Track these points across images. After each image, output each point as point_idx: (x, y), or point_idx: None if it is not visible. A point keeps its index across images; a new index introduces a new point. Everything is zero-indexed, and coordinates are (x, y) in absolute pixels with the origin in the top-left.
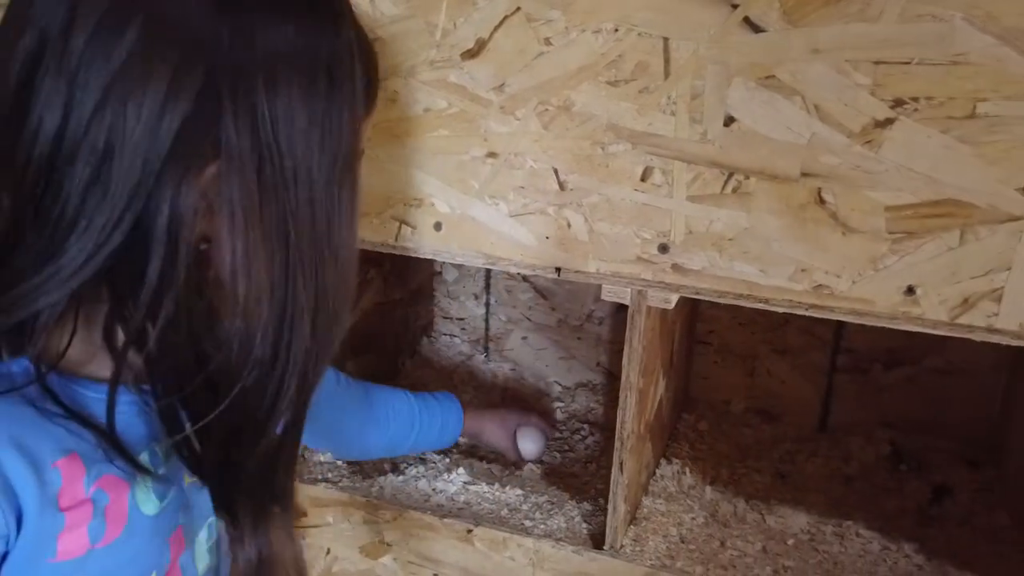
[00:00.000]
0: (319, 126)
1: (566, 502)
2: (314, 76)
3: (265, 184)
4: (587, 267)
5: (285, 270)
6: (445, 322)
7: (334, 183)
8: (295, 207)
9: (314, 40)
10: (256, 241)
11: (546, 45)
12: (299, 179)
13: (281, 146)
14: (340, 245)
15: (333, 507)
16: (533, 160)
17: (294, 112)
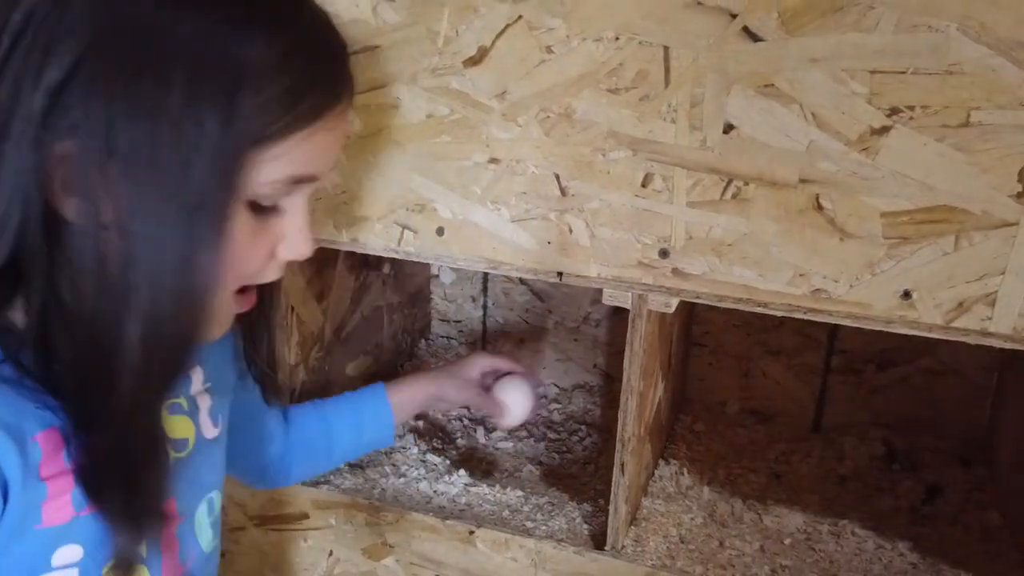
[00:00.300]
0: (172, 127)
1: (566, 503)
2: (175, 71)
3: (108, 177)
4: (589, 271)
5: (122, 271)
6: (442, 324)
7: (185, 196)
8: (138, 211)
9: (199, 33)
10: (96, 229)
11: (547, 53)
12: (143, 182)
13: (123, 139)
14: (193, 264)
15: (335, 509)
16: (535, 166)
17: (145, 105)
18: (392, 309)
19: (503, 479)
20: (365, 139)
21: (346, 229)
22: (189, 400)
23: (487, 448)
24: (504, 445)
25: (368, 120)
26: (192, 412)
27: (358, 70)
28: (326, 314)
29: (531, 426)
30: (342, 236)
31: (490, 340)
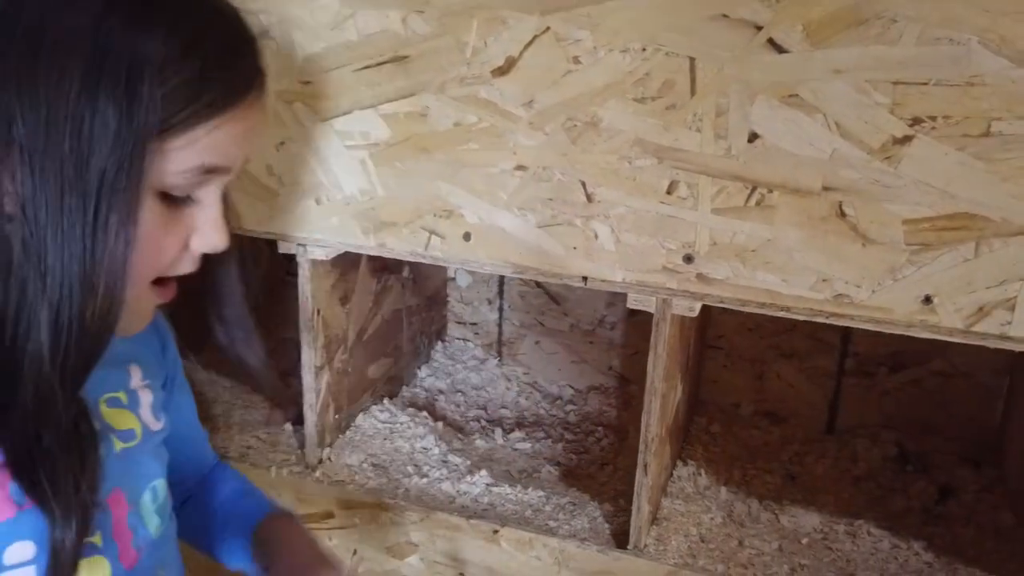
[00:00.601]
0: (71, 121)
1: (587, 503)
2: (74, 64)
3: (11, 169)
4: (613, 276)
5: (25, 260)
6: (458, 327)
7: (86, 188)
8: (40, 205)
9: (91, 28)
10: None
11: (574, 63)
12: (45, 175)
13: (24, 133)
14: (97, 253)
15: (360, 508)
16: (561, 173)
17: (43, 99)
18: (411, 312)
19: (522, 479)
20: (393, 147)
21: (373, 234)
22: (129, 394)
23: (505, 448)
24: (522, 446)
25: (396, 128)
26: (132, 405)
27: (387, 80)
28: (349, 317)
29: (548, 427)
30: (369, 241)
31: (505, 342)
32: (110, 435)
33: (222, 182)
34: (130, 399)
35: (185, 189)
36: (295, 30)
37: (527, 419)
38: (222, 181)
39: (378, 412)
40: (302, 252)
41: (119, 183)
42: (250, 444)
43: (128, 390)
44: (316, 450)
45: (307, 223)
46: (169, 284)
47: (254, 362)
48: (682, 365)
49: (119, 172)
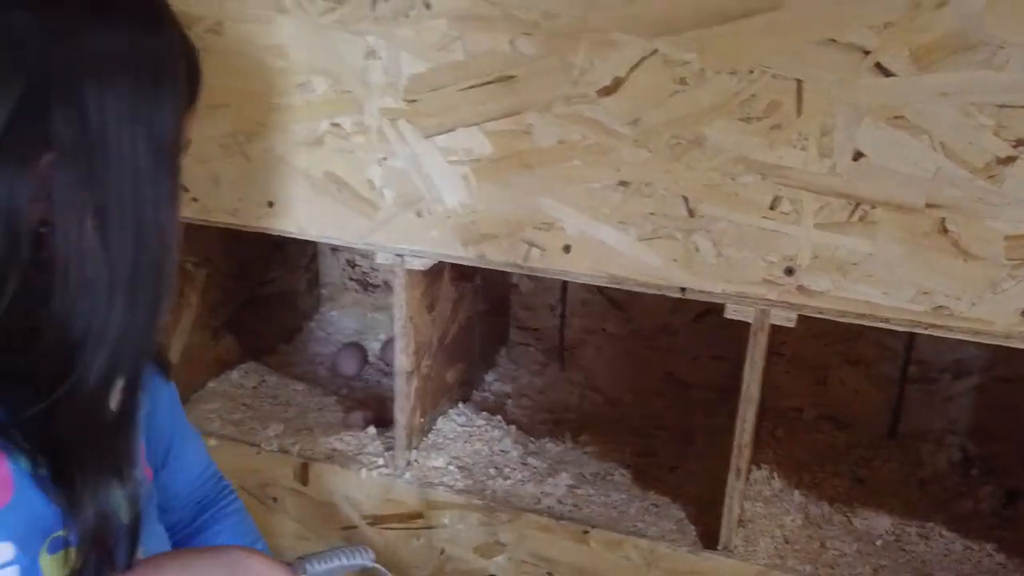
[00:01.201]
0: (143, 121)
1: (669, 505)
2: (139, 75)
3: (95, 173)
4: (713, 288)
5: (110, 247)
6: (520, 332)
7: (157, 172)
8: (122, 194)
9: (137, 43)
10: (87, 222)
11: (681, 84)
12: (125, 168)
13: (108, 139)
14: (163, 226)
15: (450, 510)
16: (664, 189)
17: (120, 108)
18: (480, 318)
19: (597, 482)
20: (496, 162)
21: (473, 245)
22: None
23: (575, 451)
24: (591, 449)
25: (499, 145)
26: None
27: (492, 99)
28: (434, 324)
29: (613, 431)
30: (468, 252)
31: (567, 347)
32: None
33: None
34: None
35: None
36: (402, 51)
37: (591, 422)
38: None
39: (456, 416)
40: (399, 263)
41: (177, 160)
42: (335, 447)
43: None
44: (405, 453)
45: (406, 235)
46: None
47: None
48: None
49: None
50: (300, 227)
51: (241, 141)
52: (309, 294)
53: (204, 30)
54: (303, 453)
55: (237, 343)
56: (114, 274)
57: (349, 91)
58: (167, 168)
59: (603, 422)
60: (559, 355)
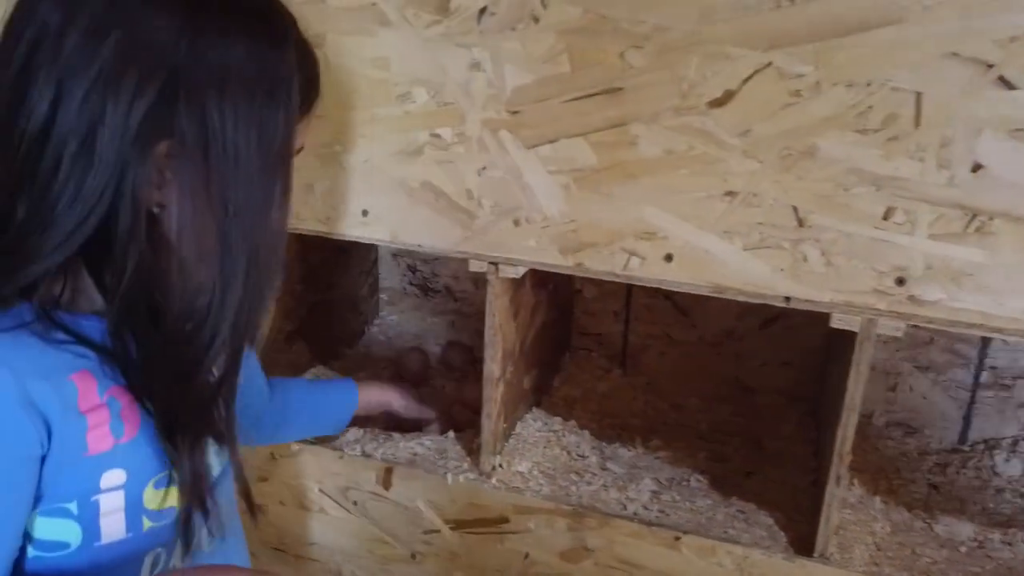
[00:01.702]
0: (256, 125)
1: (755, 512)
2: (255, 86)
3: (210, 164)
4: (820, 297)
5: (223, 236)
6: (582, 338)
7: (267, 170)
8: (235, 185)
9: (259, 57)
10: (200, 209)
11: (794, 97)
12: (239, 164)
13: (226, 137)
14: (272, 219)
15: (536, 514)
16: (772, 199)
17: (237, 112)
18: (550, 324)
19: (675, 487)
20: (598, 172)
21: (571, 255)
22: None
23: (648, 457)
24: (663, 454)
25: (603, 155)
26: None
27: (597, 110)
28: (517, 331)
29: (681, 436)
30: (566, 261)
31: (630, 353)
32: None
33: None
34: None
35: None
36: (507, 63)
37: (658, 428)
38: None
39: (532, 420)
40: (493, 271)
41: (287, 163)
42: (416, 451)
43: None
44: (491, 458)
45: (503, 244)
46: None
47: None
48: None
49: (287, 155)
50: (393, 235)
51: (338, 151)
52: (370, 299)
53: None
54: (386, 457)
55: (307, 348)
56: (226, 258)
57: (451, 102)
58: (276, 169)
59: (670, 427)
60: (622, 360)
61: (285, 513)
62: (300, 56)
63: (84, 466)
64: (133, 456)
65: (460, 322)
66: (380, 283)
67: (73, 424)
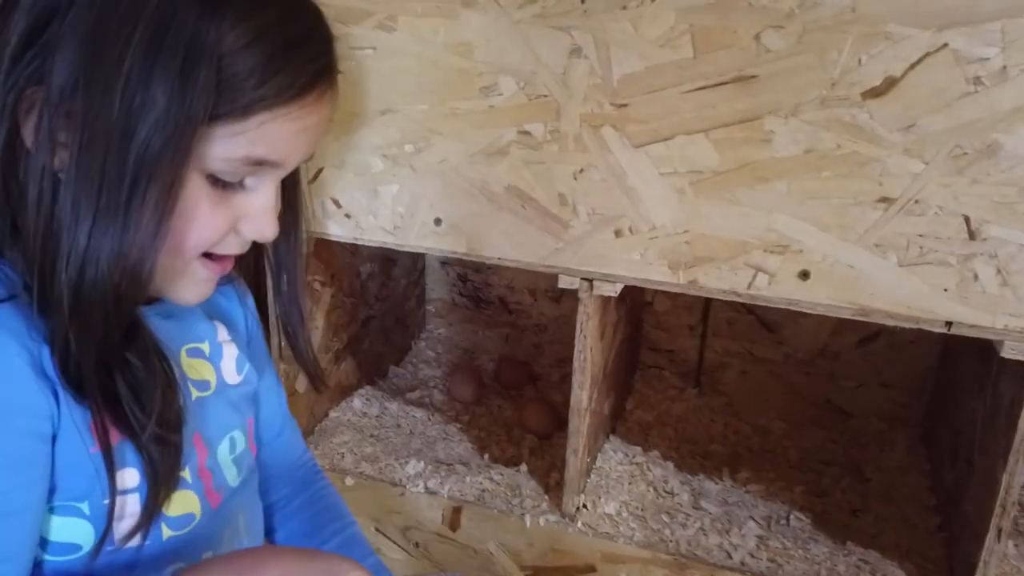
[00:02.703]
0: (115, 94)
1: (880, 561)
2: (161, 52)
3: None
4: (990, 322)
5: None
6: (653, 354)
7: (117, 168)
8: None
9: (177, 21)
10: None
11: (974, 85)
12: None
13: (91, 100)
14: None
15: (629, 563)
16: (939, 206)
17: (110, 72)
18: (626, 341)
19: (776, 528)
20: (722, 175)
21: (682, 270)
22: (213, 346)
23: (738, 490)
24: (754, 488)
25: (728, 154)
26: (214, 358)
27: (724, 102)
28: (603, 352)
29: (770, 465)
30: (677, 278)
31: (706, 371)
32: (187, 382)
33: (274, 175)
34: (212, 351)
35: (233, 176)
36: (613, 47)
37: (743, 455)
38: (274, 174)
39: (611, 452)
40: (586, 288)
41: (162, 160)
42: (485, 487)
43: (214, 342)
44: (574, 497)
45: (601, 257)
46: (224, 260)
47: (301, 345)
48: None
49: (163, 149)
50: (470, 247)
51: (409, 151)
52: (417, 311)
53: (374, 26)
54: (452, 494)
55: (355, 365)
56: (64, 238)
57: (544, 94)
58: (153, 159)
59: (755, 455)
60: (696, 379)
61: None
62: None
63: (92, 464)
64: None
65: (515, 335)
66: (427, 294)
67: (76, 413)
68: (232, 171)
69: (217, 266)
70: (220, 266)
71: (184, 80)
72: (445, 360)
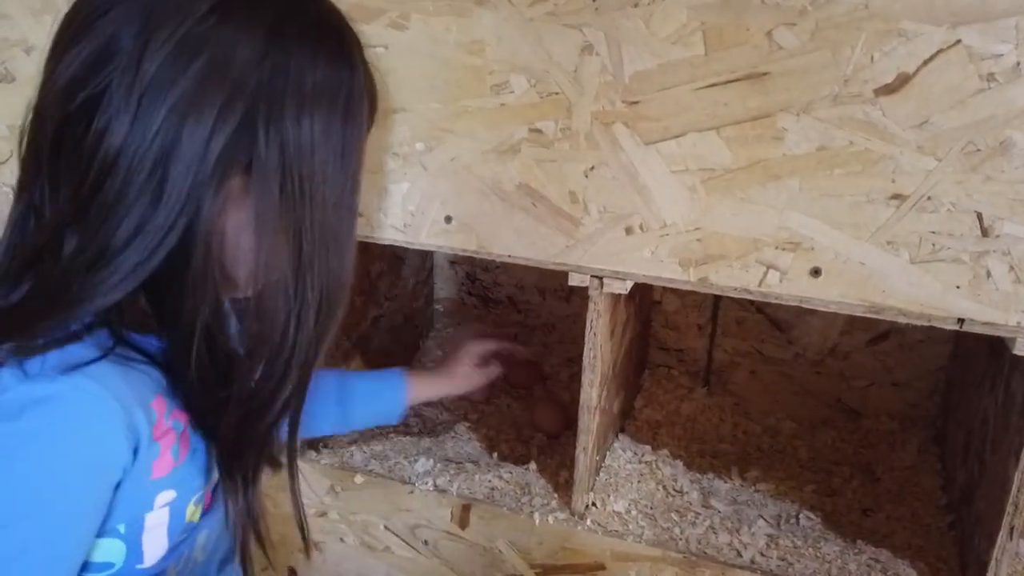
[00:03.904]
0: (337, 151)
1: (892, 560)
2: (334, 109)
3: (286, 197)
4: (1006, 319)
5: (297, 272)
6: (661, 353)
7: (346, 198)
8: (311, 218)
9: (337, 79)
10: (274, 245)
11: (988, 81)
12: (315, 196)
13: (303, 164)
14: (344, 250)
15: (639, 562)
16: (952, 203)
17: (315, 139)
18: (635, 340)
19: (787, 527)
20: (733, 173)
21: (693, 268)
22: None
23: (747, 489)
24: (764, 487)
25: (740, 152)
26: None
27: (737, 99)
28: (612, 351)
29: (779, 465)
30: (688, 275)
31: (715, 371)
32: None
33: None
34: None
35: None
36: (625, 45)
37: (753, 454)
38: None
39: (621, 451)
40: (597, 286)
41: (357, 192)
42: (494, 485)
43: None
44: (583, 496)
45: (612, 254)
46: None
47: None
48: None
49: (359, 180)
50: (480, 245)
51: (420, 150)
52: (425, 310)
53: (386, 25)
54: (462, 492)
55: (364, 364)
56: (300, 295)
57: (556, 92)
58: (353, 197)
59: (765, 455)
60: (706, 379)
61: (346, 552)
62: (367, 75)
63: (145, 490)
64: (184, 476)
65: (524, 335)
66: (436, 293)
67: (150, 451)
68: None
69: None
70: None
71: (362, 125)
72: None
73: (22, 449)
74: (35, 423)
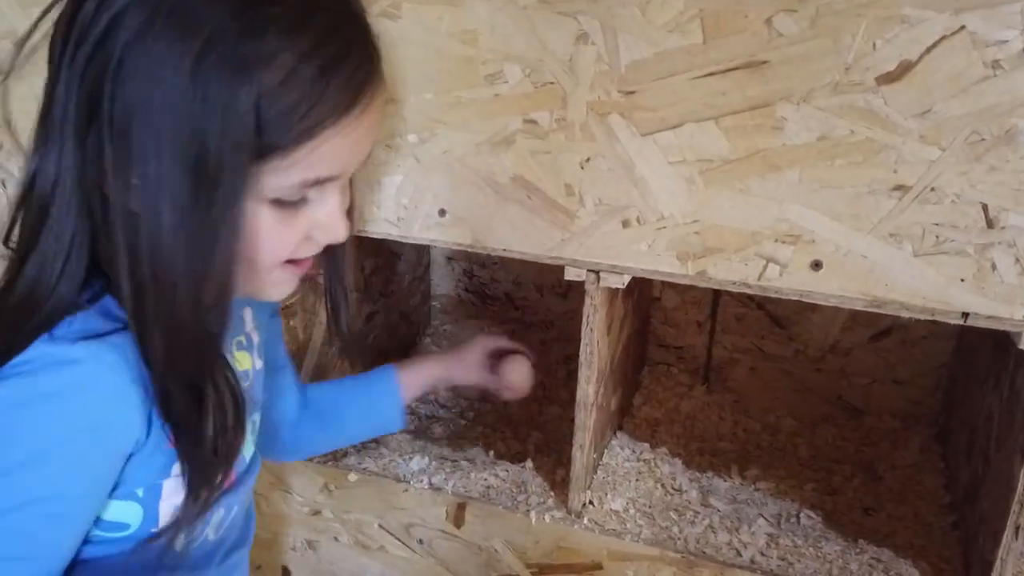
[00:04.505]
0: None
1: (894, 560)
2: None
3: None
4: (1009, 313)
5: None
6: (660, 350)
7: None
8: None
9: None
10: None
11: (993, 69)
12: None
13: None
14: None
15: (637, 561)
16: (956, 194)
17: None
18: (633, 336)
19: (787, 526)
20: (732, 164)
21: (691, 261)
22: (247, 336)
23: (747, 487)
24: (764, 485)
25: (739, 142)
26: (249, 347)
27: (735, 88)
28: (609, 347)
29: (779, 463)
30: (686, 269)
31: (714, 367)
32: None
33: (336, 184)
34: (247, 340)
35: (294, 196)
36: (621, 33)
37: (752, 453)
38: (336, 184)
39: (619, 448)
40: (593, 280)
41: (227, 199)
42: (490, 483)
43: (245, 333)
44: (580, 494)
45: (608, 248)
46: (304, 261)
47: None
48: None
49: (225, 188)
50: (475, 238)
51: (412, 142)
52: (422, 307)
53: (378, 14)
54: (457, 491)
55: (359, 363)
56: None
57: (551, 82)
58: (218, 202)
59: (765, 453)
60: (705, 376)
61: (340, 551)
62: (291, 69)
63: (164, 456)
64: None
65: (521, 332)
66: (432, 290)
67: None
68: (292, 194)
69: (298, 268)
70: (301, 267)
71: (224, 129)
72: None
73: (32, 404)
74: (50, 382)
